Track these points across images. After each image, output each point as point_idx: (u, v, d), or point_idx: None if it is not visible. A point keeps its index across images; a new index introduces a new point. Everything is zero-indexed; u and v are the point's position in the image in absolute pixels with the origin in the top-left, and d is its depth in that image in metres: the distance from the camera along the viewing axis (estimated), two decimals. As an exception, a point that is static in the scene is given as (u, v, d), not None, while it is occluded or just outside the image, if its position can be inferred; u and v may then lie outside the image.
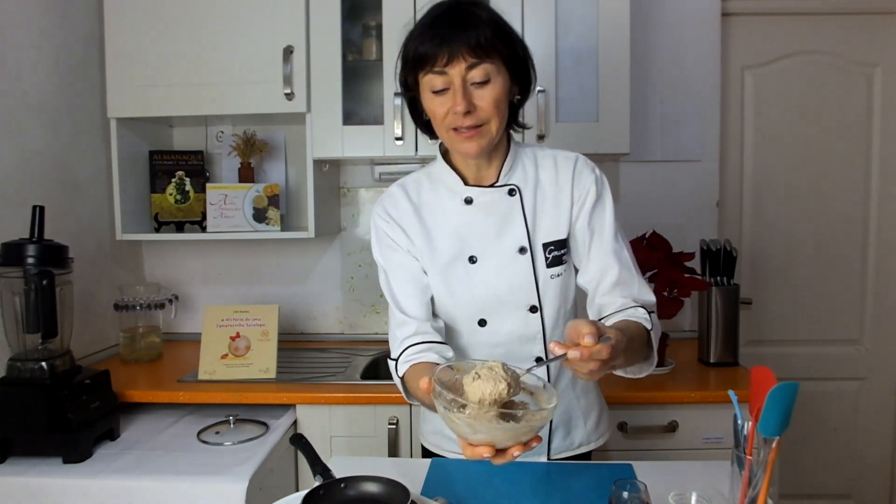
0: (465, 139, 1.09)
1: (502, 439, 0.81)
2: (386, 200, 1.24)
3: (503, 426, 0.80)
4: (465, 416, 0.80)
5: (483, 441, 0.81)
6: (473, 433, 0.81)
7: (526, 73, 1.15)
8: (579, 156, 1.22)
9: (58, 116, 1.93)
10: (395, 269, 1.22)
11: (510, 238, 1.18)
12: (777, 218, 2.38)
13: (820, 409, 2.40)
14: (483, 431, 0.80)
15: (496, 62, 1.07)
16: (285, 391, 1.76)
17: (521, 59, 1.13)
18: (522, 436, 0.82)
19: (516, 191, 1.18)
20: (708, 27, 2.25)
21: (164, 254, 2.39)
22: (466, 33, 1.04)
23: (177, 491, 1.39)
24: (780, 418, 0.85)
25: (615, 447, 1.71)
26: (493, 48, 1.05)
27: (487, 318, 1.20)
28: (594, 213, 1.18)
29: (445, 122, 1.09)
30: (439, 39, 1.04)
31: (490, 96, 1.06)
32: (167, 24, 1.98)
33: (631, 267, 1.17)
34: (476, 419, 0.80)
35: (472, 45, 1.04)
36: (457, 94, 1.05)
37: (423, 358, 1.11)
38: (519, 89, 1.15)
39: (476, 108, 1.06)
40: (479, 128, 1.08)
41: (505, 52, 1.08)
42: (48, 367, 1.51)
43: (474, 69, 1.05)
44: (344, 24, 1.96)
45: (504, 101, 1.10)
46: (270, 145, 2.28)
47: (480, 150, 1.10)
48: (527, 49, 1.15)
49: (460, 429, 0.82)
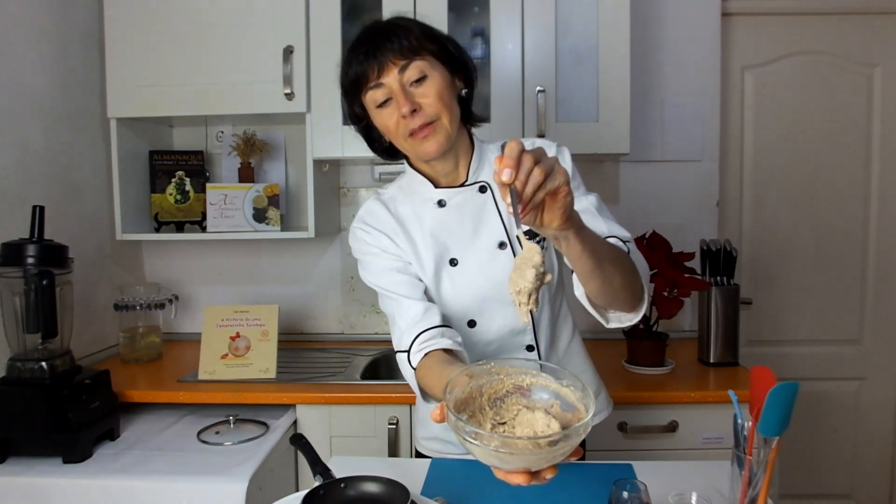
0: (421, 140, 1.08)
1: (539, 464, 0.72)
2: (365, 215, 1.23)
3: (538, 453, 0.69)
4: (492, 450, 0.69)
5: (517, 469, 0.72)
6: (503, 464, 0.71)
7: (464, 65, 1.14)
8: (535, 139, 1.20)
9: (58, 116, 1.93)
10: (383, 269, 1.19)
11: (488, 235, 1.17)
12: (777, 218, 2.38)
13: (820, 409, 2.40)
14: (515, 463, 0.71)
15: (427, 58, 1.07)
16: (285, 391, 1.76)
17: (454, 53, 1.12)
18: (560, 456, 0.71)
19: (487, 187, 1.18)
20: (708, 27, 2.25)
21: (164, 254, 2.39)
22: (389, 41, 1.05)
23: (177, 491, 1.39)
24: (780, 418, 0.85)
25: (615, 447, 1.72)
26: (420, 47, 1.06)
27: (476, 319, 1.19)
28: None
29: (399, 132, 1.09)
30: (365, 55, 1.06)
31: (432, 91, 1.06)
32: (167, 24, 1.98)
33: (594, 211, 1.10)
34: (508, 448, 0.69)
35: (398, 49, 1.05)
36: (398, 97, 1.06)
37: (435, 344, 1.07)
38: (463, 83, 1.15)
39: (421, 107, 1.06)
40: (432, 125, 1.07)
41: (434, 49, 1.08)
42: (48, 367, 1.51)
43: (407, 70, 1.05)
44: (344, 24, 1.96)
45: (448, 94, 1.08)
46: (270, 145, 2.28)
47: (440, 148, 1.09)
48: (457, 44, 1.14)
49: (488, 461, 0.72)
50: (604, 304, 1.01)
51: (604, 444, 1.66)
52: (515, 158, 0.72)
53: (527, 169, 0.73)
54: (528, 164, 0.74)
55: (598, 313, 1.03)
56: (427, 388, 1.07)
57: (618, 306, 1.02)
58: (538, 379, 0.82)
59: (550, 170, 0.75)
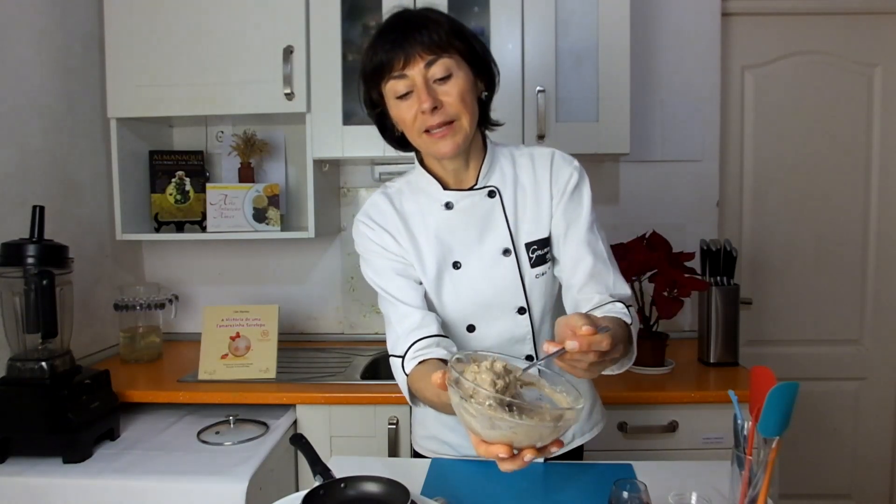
0: (438, 139, 1.07)
1: (522, 438, 0.74)
2: (370, 209, 1.22)
3: (526, 422, 0.73)
4: (485, 408, 0.73)
5: (500, 439, 0.75)
6: (491, 427, 0.74)
7: (488, 68, 1.13)
8: (555, 151, 1.20)
9: (58, 116, 1.93)
10: (385, 270, 1.18)
11: (493, 241, 1.16)
12: (777, 218, 2.38)
13: (820, 409, 2.40)
14: (503, 427, 0.73)
15: (454, 57, 1.05)
16: (285, 391, 1.76)
17: (480, 54, 1.11)
18: (547, 437, 0.75)
19: (496, 192, 1.17)
20: (708, 27, 2.26)
21: (164, 254, 2.39)
22: (419, 33, 1.03)
23: (177, 491, 1.39)
24: (780, 418, 0.85)
25: (615, 447, 1.72)
26: (448, 44, 1.05)
27: (475, 324, 1.19)
28: (570, 203, 1.15)
29: (416, 126, 1.07)
30: (392, 44, 1.04)
31: (455, 91, 1.05)
32: (167, 24, 1.98)
33: (606, 259, 1.14)
34: (496, 411, 0.73)
35: (427, 42, 1.03)
36: (420, 92, 1.04)
37: (430, 354, 1.07)
38: (485, 86, 1.14)
39: (443, 105, 1.04)
40: (451, 125, 1.06)
41: (462, 48, 1.07)
42: (48, 367, 1.51)
43: (433, 66, 1.04)
44: (344, 24, 1.96)
45: (470, 96, 1.07)
46: (270, 145, 2.28)
47: (456, 149, 1.07)
48: (484, 45, 1.13)
49: (477, 423, 0.75)
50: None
51: (604, 444, 1.65)
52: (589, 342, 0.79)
53: (595, 347, 0.79)
54: (598, 348, 0.80)
55: None
56: (418, 391, 1.08)
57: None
58: (533, 380, 0.86)
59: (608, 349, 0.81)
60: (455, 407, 0.78)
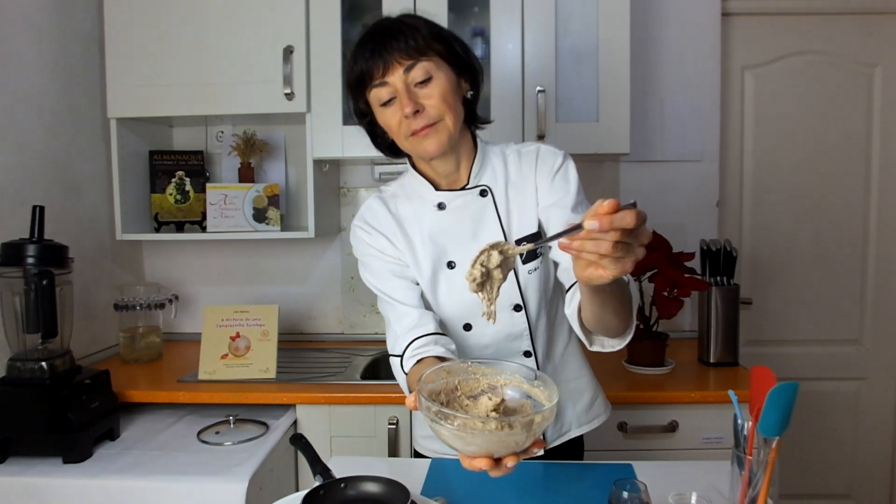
0: (422, 138, 1.08)
1: (499, 448, 0.75)
2: (366, 213, 1.23)
3: (498, 435, 0.73)
4: (454, 428, 0.74)
5: (479, 452, 0.76)
6: (466, 444, 0.75)
7: (471, 67, 1.14)
8: (541, 145, 1.20)
9: (58, 116, 1.93)
10: (382, 272, 1.20)
11: (486, 239, 1.15)
12: (777, 218, 2.38)
13: (820, 409, 2.40)
14: (476, 444, 0.74)
15: (434, 59, 1.07)
16: (285, 391, 1.76)
17: (461, 55, 1.12)
18: (523, 442, 0.75)
19: (488, 191, 1.18)
20: (708, 27, 2.26)
21: (164, 254, 2.39)
22: (396, 40, 1.05)
23: (177, 491, 1.39)
24: (780, 418, 0.85)
25: (615, 447, 1.72)
26: (426, 47, 1.06)
27: (472, 322, 1.19)
28: (554, 185, 1.15)
29: (402, 131, 1.09)
30: (371, 53, 1.06)
31: (436, 93, 1.06)
32: (167, 24, 1.98)
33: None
34: (465, 430, 0.73)
35: (404, 48, 1.05)
36: (402, 97, 1.06)
37: (428, 352, 1.08)
38: (469, 85, 1.15)
39: (424, 108, 1.06)
40: (434, 125, 1.08)
41: (441, 50, 1.08)
42: (48, 367, 1.51)
43: (413, 70, 1.05)
44: (344, 24, 1.96)
45: (453, 96, 1.08)
46: (270, 145, 2.28)
47: (441, 147, 1.09)
48: (465, 45, 1.14)
49: (452, 442, 0.76)
50: (594, 329, 1.01)
51: (604, 444, 1.66)
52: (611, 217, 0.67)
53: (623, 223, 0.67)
54: (622, 225, 0.67)
55: (585, 335, 1.03)
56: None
57: (607, 333, 1.02)
58: (511, 379, 0.88)
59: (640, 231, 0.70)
60: (431, 429, 0.78)
